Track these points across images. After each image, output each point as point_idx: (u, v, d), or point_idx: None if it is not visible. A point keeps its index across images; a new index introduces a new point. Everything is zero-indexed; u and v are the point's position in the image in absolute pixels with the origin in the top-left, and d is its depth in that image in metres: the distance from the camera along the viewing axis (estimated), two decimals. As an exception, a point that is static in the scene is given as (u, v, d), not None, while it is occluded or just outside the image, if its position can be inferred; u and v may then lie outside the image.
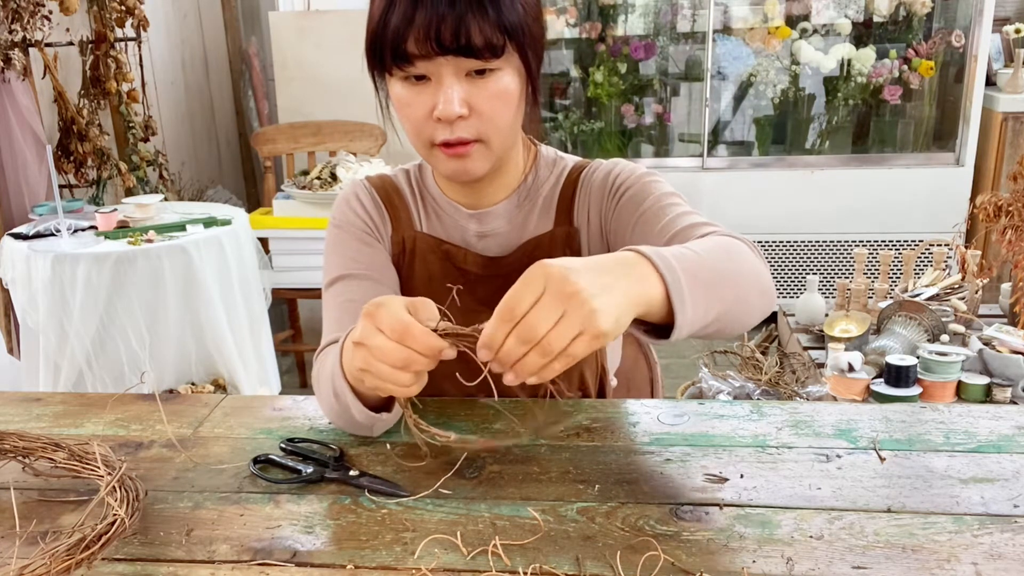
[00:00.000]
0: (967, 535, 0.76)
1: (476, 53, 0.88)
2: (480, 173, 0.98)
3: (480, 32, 0.87)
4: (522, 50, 0.92)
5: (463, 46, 0.88)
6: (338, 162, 2.96)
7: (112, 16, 2.98)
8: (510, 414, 1.02)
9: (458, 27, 0.87)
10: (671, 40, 3.77)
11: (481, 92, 0.91)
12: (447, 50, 0.88)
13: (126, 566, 0.75)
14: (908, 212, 3.52)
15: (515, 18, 0.90)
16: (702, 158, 3.69)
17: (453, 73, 0.90)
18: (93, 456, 0.85)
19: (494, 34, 0.88)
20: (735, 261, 0.87)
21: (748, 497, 0.83)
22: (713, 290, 0.81)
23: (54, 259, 2.28)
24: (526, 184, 1.08)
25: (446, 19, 0.86)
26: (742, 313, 0.87)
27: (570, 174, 1.09)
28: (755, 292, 0.88)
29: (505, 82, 0.92)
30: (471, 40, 0.87)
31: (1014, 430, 0.95)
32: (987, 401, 2.27)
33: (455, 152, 0.95)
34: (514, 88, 0.93)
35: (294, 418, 1.03)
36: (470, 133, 0.93)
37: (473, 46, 0.88)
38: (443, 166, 0.98)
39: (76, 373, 2.34)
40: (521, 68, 0.94)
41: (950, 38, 3.49)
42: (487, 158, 0.97)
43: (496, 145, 0.96)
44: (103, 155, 2.97)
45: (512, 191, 1.08)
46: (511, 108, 0.95)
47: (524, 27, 0.91)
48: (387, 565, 0.74)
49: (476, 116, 0.93)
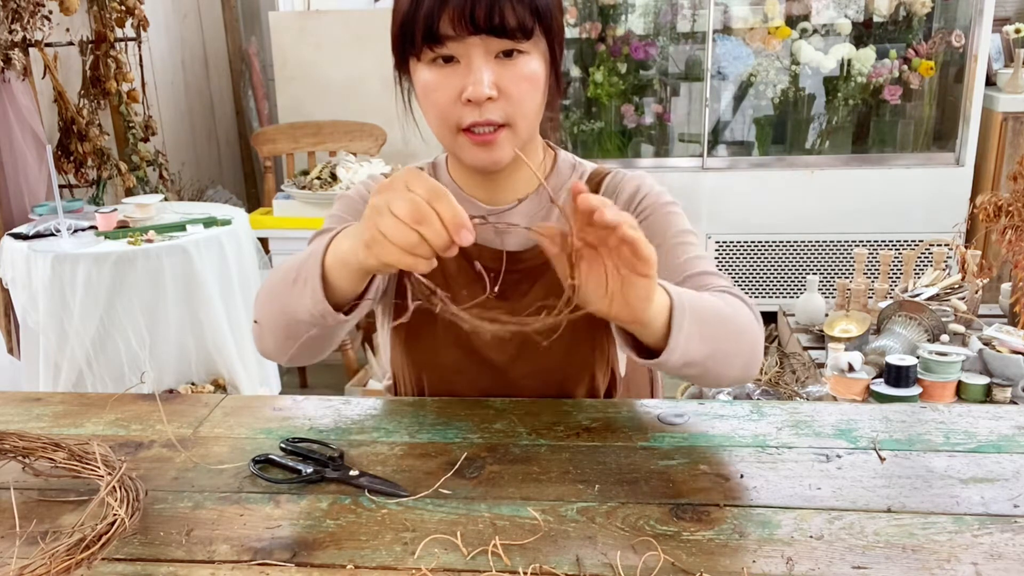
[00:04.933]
0: (967, 535, 0.76)
1: (509, 33, 0.90)
2: (506, 161, 0.98)
3: (513, 12, 0.89)
4: (549, 35, 0.94)
5: (496, 26, 0.89)
6: (338, 162, 2.96)
7: (112, 16, 2.98)
8: (514, 413, 1.02)
9: (492, 7, 0.88)
10: (671, 40, 3.77)
11: (510, 74, 0.92)
12: (480, 30, 0.89)
13: (126, 566, 0.75)
14: (908, 212, 3.52)
15: (545, 1, 0.92)
16: (702, 158, 3.69)
17: (483, 54, 0.91)
18: (93, 456, 0.85)
19: (526, 15, 0.90)
20: (736, 323, 0.92)
21: (748, 497, 0.83)
22: (709, 334, 0.87)
23: (54, 259, 2.28)
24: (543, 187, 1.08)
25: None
26: (727, 367, 0.92)
27: (590, 179, 1.10)
28: (744, 355, 0.94)
29: (533, 66, 0.93)
30: (505, 20, 0.89)
31: (1014, 430, 0.95)
32: (987, 401, 2.27)
33: (482, 139, 0.94)
34: (541, 73, 0.95)
35: (294, 418, 1.03)
36: (498, 116, 0.93)
37: (506, 26, 0.89)
38: (468, 154, 0.97)
39: (76, 373, 2.34)
40: (547, 54, 0.95)
41: (950, 38, 3.49)
42: (513, 144, 0.97)
43: (522, 130, 0.96)
44: (103, 155, 2.97)
45: (531, 190, 1.08)
46: (538, 92, 0.95)
47: (552, 12, 0.94)
48: (387, 565, 0.74)
49: (505, 98, 0.93)
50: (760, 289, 3.69)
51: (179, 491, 0.87)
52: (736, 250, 3.64)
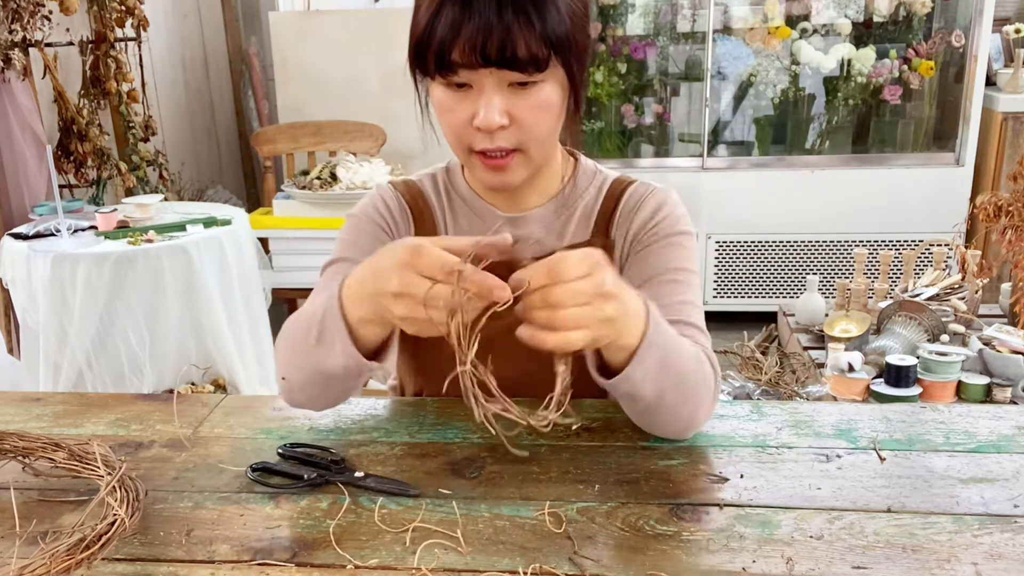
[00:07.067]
0: (967, 535, 0.76)
1: (520, 67, 0.88)
2: (518, 183, 0.98)
3: (526, 46, 0.87)
4: (567, 63, 0.91)
5: (508, 59, 0.87)
6: (338, 162, 2.96)
7: (112, 16, 2.98)
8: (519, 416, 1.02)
9: (504, 40, 0.86)
10: (671, 40, 3.77)
11: (522, 103, 0.91)
12: (491, 63, 0.87)
13: (126, 566, 0.75)
14: (908, 212, 3.52)
15: (562, 31, 0.88)
16: (702, 158, 3.69)
17: (495, 84, 0.89)
18: (93, 456, 0.85)
19: (539, 48, 0.87)
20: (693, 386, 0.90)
21: (748, 497, 0.83)
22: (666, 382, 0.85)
23: (54, 259, 2.28)
24: (564, 193, 1.07)
25: (493, 32, 0.85)
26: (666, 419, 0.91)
27: (612, 187, 1.08)
28: (684, 420, 0.92)
29: (546, 93, 0.91)
30: (516, 54, 0.87)
31: (1014, 430, 0.95)
32: (987, 401, 2.27)
33: (494, 163, 0.94)
34: (556, 99, 0.93)
35: (294, 418, 1.03)
36: (509, 143, 0.93)
37: (518, 60, 0.87)
38: (481, 175, 0.98)
39: (76, 373, 2.34)
40: (564, 79, 0.93)
41: (950, 38, 3.49)
42: (526, 168, 0.96)
43: (535, 155, 0.96)
44: (103, 155, 2.97)
45: (550, 198, 1.07)
46: (552, 119, 0.94)
47: (570, 40, 0.90)
48: (387, 565, 0.74)
49: (516, 126, 0.92)
50: (760, 289, 3.69)
51: (179, 491, 0.87)
52: (736, 250, 3.64)
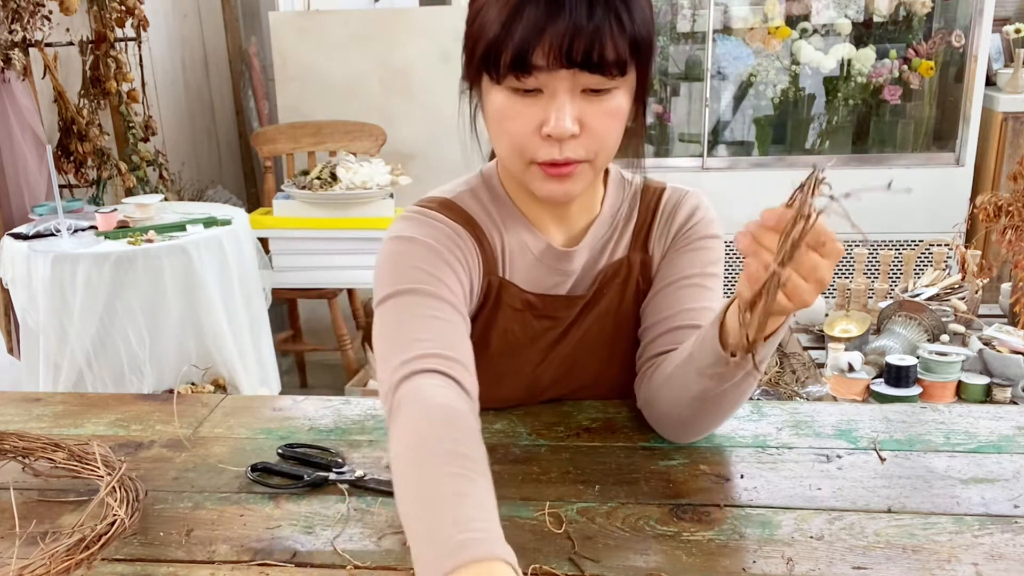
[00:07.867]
0: (967, 535, 0.76)
1: (605, 70, 0.82)
2: (578, 194, 0.93)
3: (614, 47, 0.82)
4: (643, 67, 0.87)
5: (594, 62, 0.82)
6: (338, 162, 2.96)
7: (112, 16, 2.97)
8: (514, 413, 1.01)
9: (592, 41, 0.81)
10: (671, 40, 3.77)
11: (594, 109, 0.85)
12: (575, 64, 0.82)
13: (126, 566, 0.75)
14: (908, 212, 3.52)
15: (645, 32, 0.84)
16: (702, 158, 3.69)
17: (569, 89, 0.83)
18: (93, 456, 0.85)
19: (626, 49, 0.83)
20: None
21: (748, 497, 0.83)
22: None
23: (54, 259, 2.28)
24: (603, 211, 1.02)
25: (581, 32, 0.80)
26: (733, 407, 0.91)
27: (644, 197, 1.04)
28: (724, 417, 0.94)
29: (618, 101, 0.86)
30: (604, 55, 0.82)
31: (1014, 430, 0.95)
32: (987, 401, 2.27)
33: (559, 172, 0.88)
34: (626, 108, 0.88)
35: (294, 418, 1.03)
36: (578, 153, 0.86)
37: (605, 62, 0.82)
38: (540, 186, 0.90)
39: (76, 373, 2.33)
40: (633, 87, 0.88)
41: (950, 38, 3.49)
42: (588, 178, 0.91)
43: (600, 164, 0.91)
44: (103, 155, 2.97)
45: (594, 216, 1.01)
46: (620, 128, 0.89)
47: (651, 43, 0.87)
48: (387, 565, 0.74)
49: (587, 135, 0.86)
50: (760, 289, 3.68)
51: (179, 491, 0.87)
52: (736, 250, 3.64)
